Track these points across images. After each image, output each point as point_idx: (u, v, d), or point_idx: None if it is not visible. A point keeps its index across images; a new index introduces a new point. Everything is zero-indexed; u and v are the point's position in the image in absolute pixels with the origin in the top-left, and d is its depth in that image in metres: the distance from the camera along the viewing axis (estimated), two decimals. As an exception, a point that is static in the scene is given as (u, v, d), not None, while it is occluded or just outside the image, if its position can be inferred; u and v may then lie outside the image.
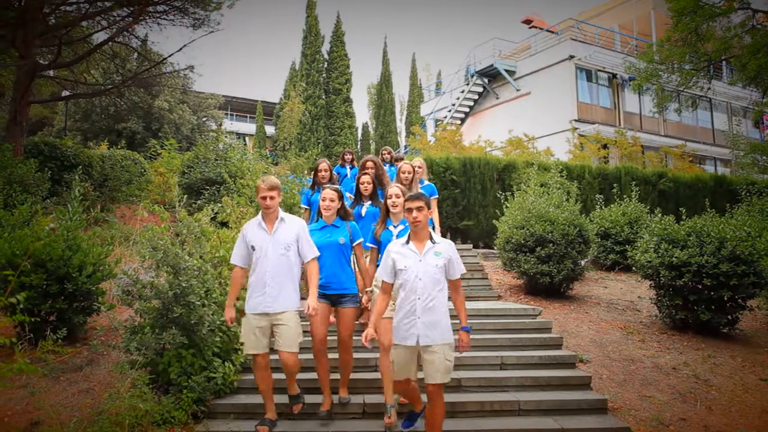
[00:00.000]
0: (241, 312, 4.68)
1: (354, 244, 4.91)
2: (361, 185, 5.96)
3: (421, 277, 3.96)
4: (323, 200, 4.83)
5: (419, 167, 7.17)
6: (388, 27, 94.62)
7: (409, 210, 4.03)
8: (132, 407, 4.22)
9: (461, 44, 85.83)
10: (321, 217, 4.94)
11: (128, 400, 4.27)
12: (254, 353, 4.41)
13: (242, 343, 4.48)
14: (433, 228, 6.63)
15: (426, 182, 7.17)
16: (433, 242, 4.08)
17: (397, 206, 4.86)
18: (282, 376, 4.73)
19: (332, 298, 4.78)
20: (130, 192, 14.22)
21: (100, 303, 6.02)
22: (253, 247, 4.44)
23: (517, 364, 5.72)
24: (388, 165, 8.81)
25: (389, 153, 9.50)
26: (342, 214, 4.92)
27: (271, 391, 4.58)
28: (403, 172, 6.34)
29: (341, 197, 4.90)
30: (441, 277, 4.01)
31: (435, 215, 6.68)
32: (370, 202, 5.95)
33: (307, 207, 7.03)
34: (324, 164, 7.01)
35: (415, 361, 4.03)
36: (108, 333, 6.05)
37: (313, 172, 7.17)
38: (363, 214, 5.86)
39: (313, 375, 5.00)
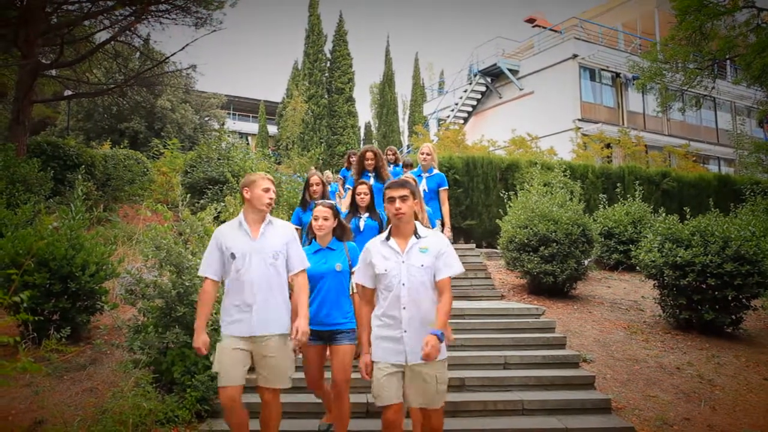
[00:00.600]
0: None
1: (353, 269, 4.00)
2: (357, 196, 5.20)
3: (405, 282, 3.29)
4: (315, 219, 4.11)
5: (428, 154, 6.74)
6: (390, 26, 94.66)
7: (391, 199, 3.33)
8: (136, 406, 4.22)
9: (464, 43, 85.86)
10: (314, 238, 4.24)
11: (132, 399, 4.27)
12: (231, 385, 3.55)
13: (217, 373, 3.62)
14: (442, 223, 6.43)
15: (435, 171, 6.77)
16: (418, 236, 3.39)
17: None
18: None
19: (325, 336, 4.04)
20: (132, 191, 14.24)
21: (104, 302, 6.02)
22: (233, 255, 3.60)
23: (520, 364, 5.71)
24: (392, 165, 8.59)
25: (393, 153, 8.81)
26: (338, 233, 4.21)
27: (248, 425, 3.72)
28: None
29: (336, 214, 4.19)
30: (429, 279, 3.33)
31: (445, 208, 6.50)
32: (367, 215, 5.26)
33: (297, 227, 5.96)
34: (315, 177, 6.10)
35: (401, 381, 3.32)
36: (111, 332, 6.06)
37: (303, 186, 6.25)
38: (361, 228, 5.21)
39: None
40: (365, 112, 59.63)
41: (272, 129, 40.19)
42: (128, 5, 13.16)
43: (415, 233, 3.41)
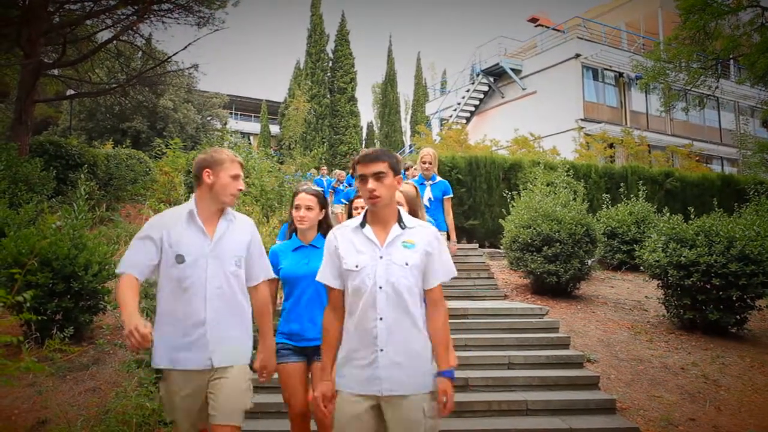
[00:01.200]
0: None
1: None
2: (354, 210, 4.41)
3: (383, 284, 2.41)
4: (297, 208, 3.38)
5: (430, 163, 6.24)
6: (392, 26, 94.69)
7: (362, 178, 2.48)
8: (139, 406, 4.21)
9: (466, 43, 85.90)
10: (295, 232, 3.48)
11: (135, 398, 4.26)
12: None
13: (170, 422, 2.77)
14: (448, 236, 6.12)
15: (438, 178, 6.33)
16: (403, 226, 2.51)
17: None
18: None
19: (307, 352, 3.30)
20: (135, 191, 14.27)
21: (106, 302, 6.01)
22: (180, 258, 2.65)
23: (524, 364, 5.68)
24: None
25: None
26: (325, 228, 3.40)
27: None
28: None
29: (324, 204, 3.47)
30: (415, 282, 2.46)
31: (449, 218, 6.22)
32: None
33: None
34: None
35: (375, 420, 2.43)
36: (114, 332, 6.05)
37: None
38: None
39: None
40: (367, 112, 59.86)
41: (274, 129, 40.22)
42: (130, 4, 13.19)
43: (399, 222, 2.52)
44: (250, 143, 34.14)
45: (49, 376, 4.91)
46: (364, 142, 40.29)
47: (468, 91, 25.30)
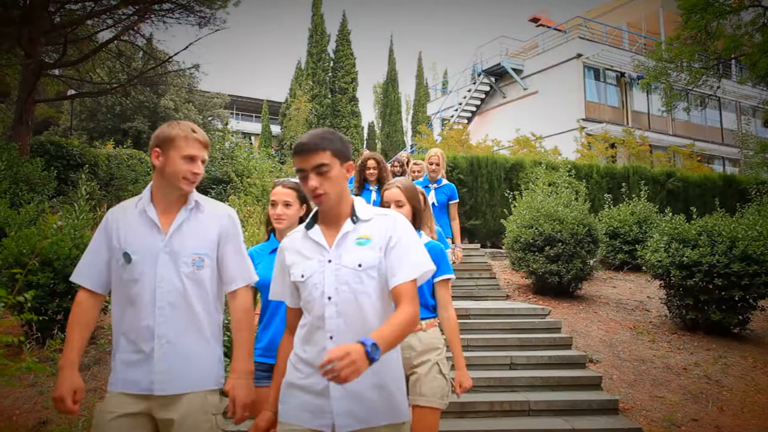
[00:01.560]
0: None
1: None
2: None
3: (332, 294, 1.91)
4: (273, 205, 2.92)
5: (437, 164, 5.85)
6: (394, 26, 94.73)
7: (301, 173, 1.93)
8: (140, 407, 4.19)
9: (468, 43, 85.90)
10: (273, 233, 3.02)
11: (136, 399, 4.24)
12: None
13: None
14: (453, 240, 5.80)
15: (444, 181, 5.95)
16: (356, 220, 1.99)
17: None
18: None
19: None
20: (136, 191, 14.23)
21: (107, 302, 5.99)
22: (127, 256, 2.12)
23: (526, 364, 5.68)
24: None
25: (401, 165, 7.35)
26: None
27: None
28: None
29: (304, 199, 2.93)
30: (374, 287, 1.93)
31: (455, 223, 5.86)
32: None
33: None
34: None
35: None
36: (115, 332, 6.03)
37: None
38: None
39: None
40: (369, 112, 59.85)
41: (275, 129, 40.24)
42: (131, 4, 13.17)
43: (352, 216, 2.00)
44: (251, 143, 34.18)
45: (50, 376, 4.90)
46: (365, 142, 40.30)
47: (469, 91, 25.27)
